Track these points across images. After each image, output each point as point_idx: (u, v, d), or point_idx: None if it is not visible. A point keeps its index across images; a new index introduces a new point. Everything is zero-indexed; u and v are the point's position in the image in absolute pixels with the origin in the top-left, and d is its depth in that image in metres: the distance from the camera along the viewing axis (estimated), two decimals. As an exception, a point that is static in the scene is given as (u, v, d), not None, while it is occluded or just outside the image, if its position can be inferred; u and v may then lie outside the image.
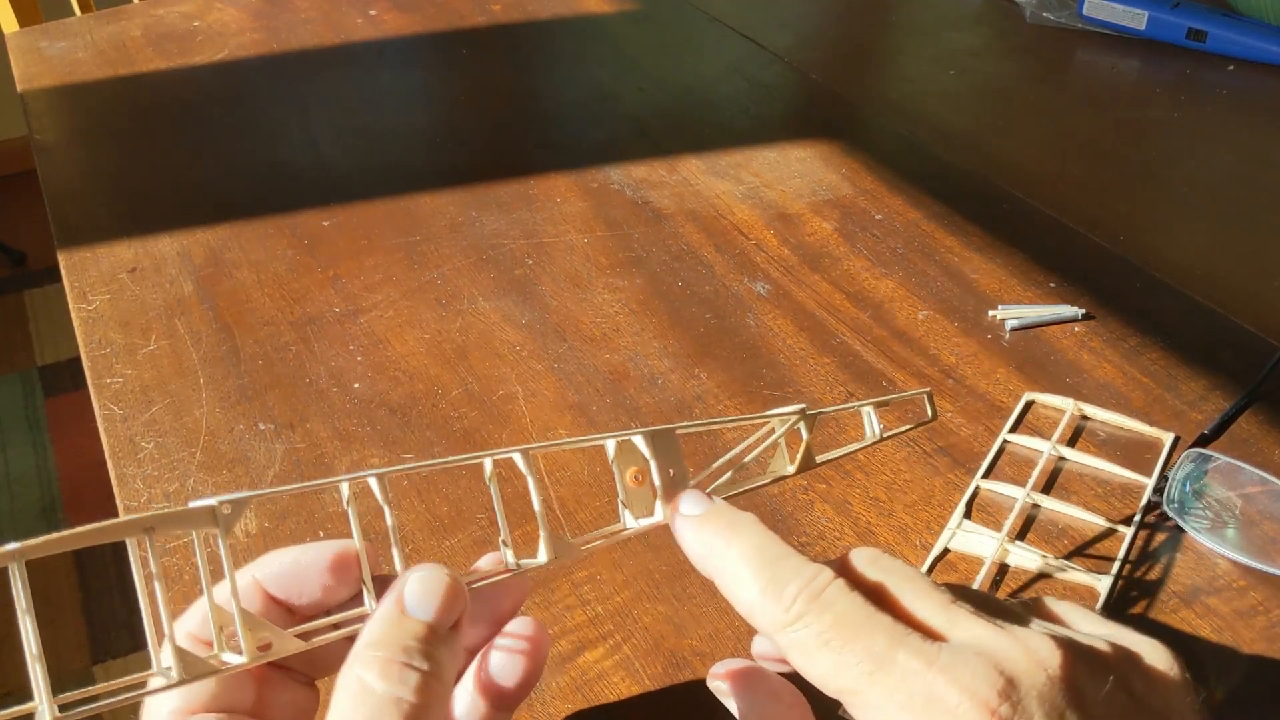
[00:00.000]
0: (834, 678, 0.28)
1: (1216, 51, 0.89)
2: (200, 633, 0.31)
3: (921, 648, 0.27)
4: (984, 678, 0.26)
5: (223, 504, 0.28)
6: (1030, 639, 0.27)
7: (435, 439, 0.54)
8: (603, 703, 0.42)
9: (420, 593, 0.29)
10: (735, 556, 0.30)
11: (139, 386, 0.57)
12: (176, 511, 0.27)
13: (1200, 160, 0.77)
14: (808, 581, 0.29)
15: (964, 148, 0.78)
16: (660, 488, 0.34)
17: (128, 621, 1.48)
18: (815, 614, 0.28)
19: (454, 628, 0.29)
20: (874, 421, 0.39)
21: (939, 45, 0.93)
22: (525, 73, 0.88)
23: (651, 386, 0.57)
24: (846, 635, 0.28)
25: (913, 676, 0.27)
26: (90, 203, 0.72)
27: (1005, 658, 0.27)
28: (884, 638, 0.28)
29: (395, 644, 0.28)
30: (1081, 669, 0.27)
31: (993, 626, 0.28)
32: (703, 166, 0.75)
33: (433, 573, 0.29)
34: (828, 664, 0.28)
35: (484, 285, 0.64)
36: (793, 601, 0.29)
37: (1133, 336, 0.59)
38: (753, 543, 0.31)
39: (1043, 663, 0.27)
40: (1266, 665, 0.43)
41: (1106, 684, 0.27)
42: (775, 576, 0.29)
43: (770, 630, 0.29)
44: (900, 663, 0.27)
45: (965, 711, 0.26)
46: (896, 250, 0.66)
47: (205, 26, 0.94)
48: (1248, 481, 0.50)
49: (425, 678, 0.27)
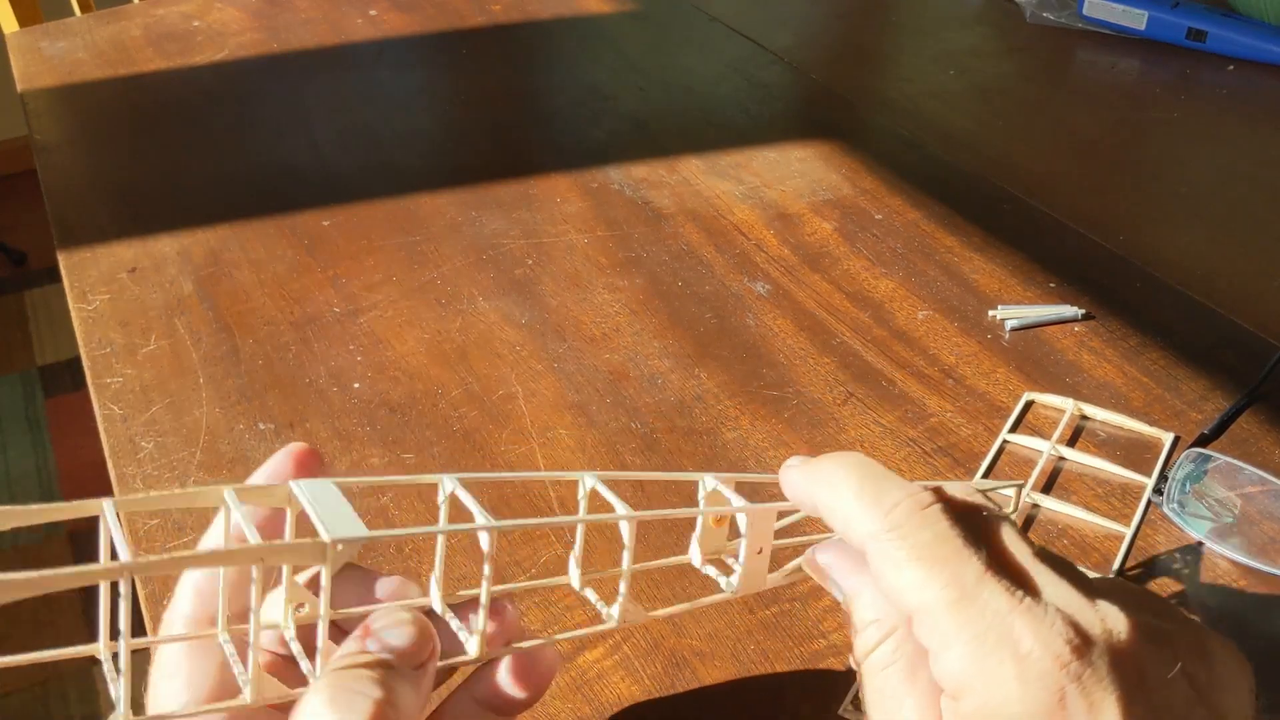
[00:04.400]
0: (915, 593, 0.28)
1: (1216, 51, 0.89)
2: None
3: (1009, 589, 0.27)
4: (1060, 633, 0.26)
5: (335, 542, 0.27)
6: (1108, 610, 0.28)
7: (435, 439, 0.54)
8: (602, 703, 0.42)
9: (388, 634, 0.29)
10: (840, 472, 0.31)
11: (139, 386, 0.57)
12: (290, 545, 0.27)
13: (1200, 160, 0.77)
14: (910, 494, 0.29)
15: (964, 148, 0.78)
16: (744, 563, 0.34)
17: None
18: (914, 528, 0.28)
19: (420, 668, 0.29)
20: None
21: (939, 45, 0.93)
22: (525, 73, 0.88)
23: (651, 386, 0.57)
24: (939, 556, 0.28)
25: (993, 615, 0.27)
26: (90, 203, 0.72)
27: (1083, 620, 0.27)
28: (974, 570, 0.28)
29: (349, 671, 0.28)
30: (1151, 650, 0.27)
31: (1074, 589, 0.28)
32: (703, 166, 0.75)
33: (401, 614, 0.29)
34: (913, 579, 0.28)
35: (484, 285, 0.64)
36: (893, 509, 0.29)
37: (1133, 336, 0.59)
38: (858, 461, 0.31)
39: (1118, 632, 0.27)
40: (1266, 665, 0.43)
41: (1171, 670, 0.27)
42: (878, 487, 0.30)
43: (864, 536, 0.29)
44: (984, 599, 0.27)
45: (1036, 659, 0.26)
46: (896, 250, 0.66)
47: (205, 26, 0.94)
48: (1248, 481, 0.50)
49: (378, 706, 0.27)
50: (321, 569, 0.27)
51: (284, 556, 0.27)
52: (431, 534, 0.30)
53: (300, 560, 0.27)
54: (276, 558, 0.27)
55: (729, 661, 0.43)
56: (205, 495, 0.28)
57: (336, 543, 0.27)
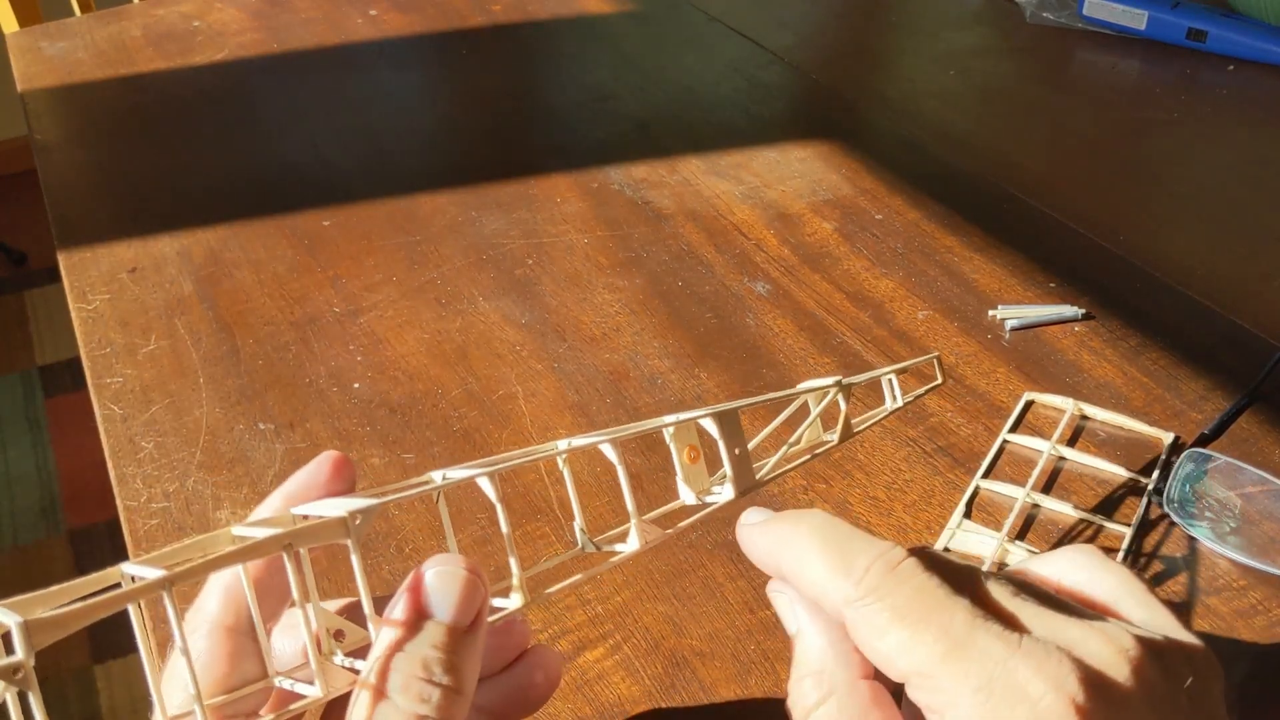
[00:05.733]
0: (904, 657, 0.26)
1: (1216, 51, 0.89)
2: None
3: (1002, 633, 0.26)
4: (1069, 670, 0.25)
5: (353, 514, 0.28)
6: (1107, 629, 0.26)
7: (435, 439, 0.54)
8: (603, 703, 0.42)
9: (437, 590, 0.28)
10: (803, 536, 0.29)
11: (139, 386, 0.57)
12: (313, 525, 0.27)
13: (1200, 160, 0.77)
14: (880, 555, 0.27)
15: (964, 148, 0.78)
16: (729, 466, 0.35)
17: (127, 622, 1.48)
18: (889, 588, 0.27)
19: (474, 625, 0.28)
20: (895, 388, 0.40)
21: (939, 45, 0.93)
22: (525, 73, 0.88)
23: (651, 386, 0.57)
24: (921, 612, 0.26)
25: (992, 661, 0.25)
26: (90, 203, 0.72)
27: (1087, 651, 0.26)
28: (963, 618, 0.26)
29: (415, 656, 0.27)
30: (1153, 664, 0.26)
31: (1067, 618, 0.27)
32: (703, 166, 0.75)
33: (448, 566, 0.28)
34: (898, 642, 0.26)
35: (484, 285, 0.64)
36: (865, 574, 0.27)
37: (1133, 336, 0.59)
38: (820, 523, 0.29)
39: (1122, 655, 0.26)
40: (1266, 665, 0.43)
41: (1173, 679, 0.26)
42: (845, 550, 0.28)
43: (838, 604, 0.28)
44: (980, 646, 0.25)
45: (1050, 704, 0.25)
46: (896, 250, 0.66)
47: (205, 26, 0.94)
48: (1248, 481, 0.50)
49: (447, 693, 0.27)
50: (352, 556, 0.27)
51: (310, 537, 0.27)
52: (431, 491, 0.30)
53: (325, 538, 0.27)
54: (303, 540, 0.27)
55: (729, 661, 0.43)
56: (215, 540, 0.29)
57: (355, 515, 0.28)
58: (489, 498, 0.30)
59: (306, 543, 0.27)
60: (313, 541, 0.27)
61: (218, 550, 0.28)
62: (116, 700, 1.44)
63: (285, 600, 0.32)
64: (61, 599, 0.25)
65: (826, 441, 0.38)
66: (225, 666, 0.30)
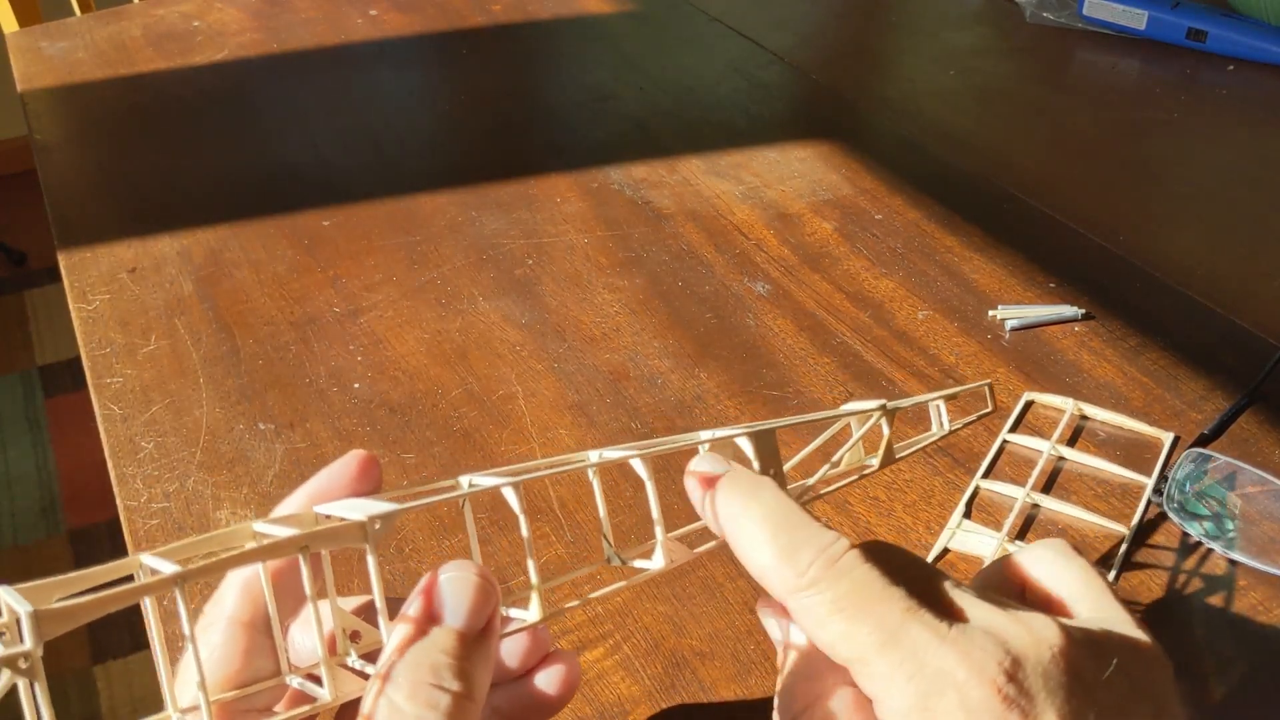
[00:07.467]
0: (844, 645, 0.28)
1: (1216, 51, 0.89)
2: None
3: (933, 623, 0.27)
4: (991, 655, 0.26)
5: (372, 519, 0.27)
6: (1034, 620, 0.28)
7: (435, 439, 0.54)
8: (603, 703, 0.42)
9: (449, 595, 0.28)
10: (753, 518, 0.30)
11: (139, 386, 0.57)
12: (330, 529, 0.27)
13: (1200, 160, 0.77)
14: (824, 548, 0.29)
15: (964, 148, 0.78)
16: None
17: (127, 622, 1.48)
18: (830, 581, 0.28)
19: (486, 631, 0.28)
20: (943, 414, 0.40)
21: (939, 45, 0.93)
22: (525, 73, 0.88)
23: (651, 386, 0.57)
24: (859, 604, 0.28)
25: (923, 650, 0.27)
26: (90, 203, 0.72)
27: (1010, 636, 0.27)
28: (898, 609, 0.27)
29: (424, 662, 0.27)
30: (1083, 652, 0.27)
31: (997, 608, 0.28)
32: (703, 166, 0.75)
33: (461, 572, 0.29)
34: (838, 632, 0.28)
35: (484, 285, 0.64)
36: (808, 566, 0.28)
37: (1133, 336, 0.59)
38: (770, 507, 0.30)
39: (1047, 643, 0.27)
40: (1266, 665, 0.43)
41: (1108, 668, 0.27)
42: (791, 540, 0.29)
43: (783, 594, 0.29)
44: (912, 635, 0.27)
45: (972, 688, 0.26)
46: (896, 250, 0.66)
47: (205, 26, 0.94)
48: (1248, 481, 0.50)
49: (456, 699, 0.27)
50: (368, 559, 0.27)
51: (327, 540, 0.27)
52: (456, 498, 0.30)
53: (343, 542, 0.27)
54: (320, 543, 0.27)
55: (729, 661, 0.43)
56: (235, 534, 0.28)
57: (374, 520, 0.27)
58: (511, 507, 0.30)
59: (323, 546, 0.27)
60: (330, 545, 0.27)
61: (237, 546, 0.28)
62: (116, 700, 1.44)
63: (306, 596, 0.32)
64: (75, 587, 0.25)
65: (868, 466, 0.38)
66: (240, 662, 0.30)
